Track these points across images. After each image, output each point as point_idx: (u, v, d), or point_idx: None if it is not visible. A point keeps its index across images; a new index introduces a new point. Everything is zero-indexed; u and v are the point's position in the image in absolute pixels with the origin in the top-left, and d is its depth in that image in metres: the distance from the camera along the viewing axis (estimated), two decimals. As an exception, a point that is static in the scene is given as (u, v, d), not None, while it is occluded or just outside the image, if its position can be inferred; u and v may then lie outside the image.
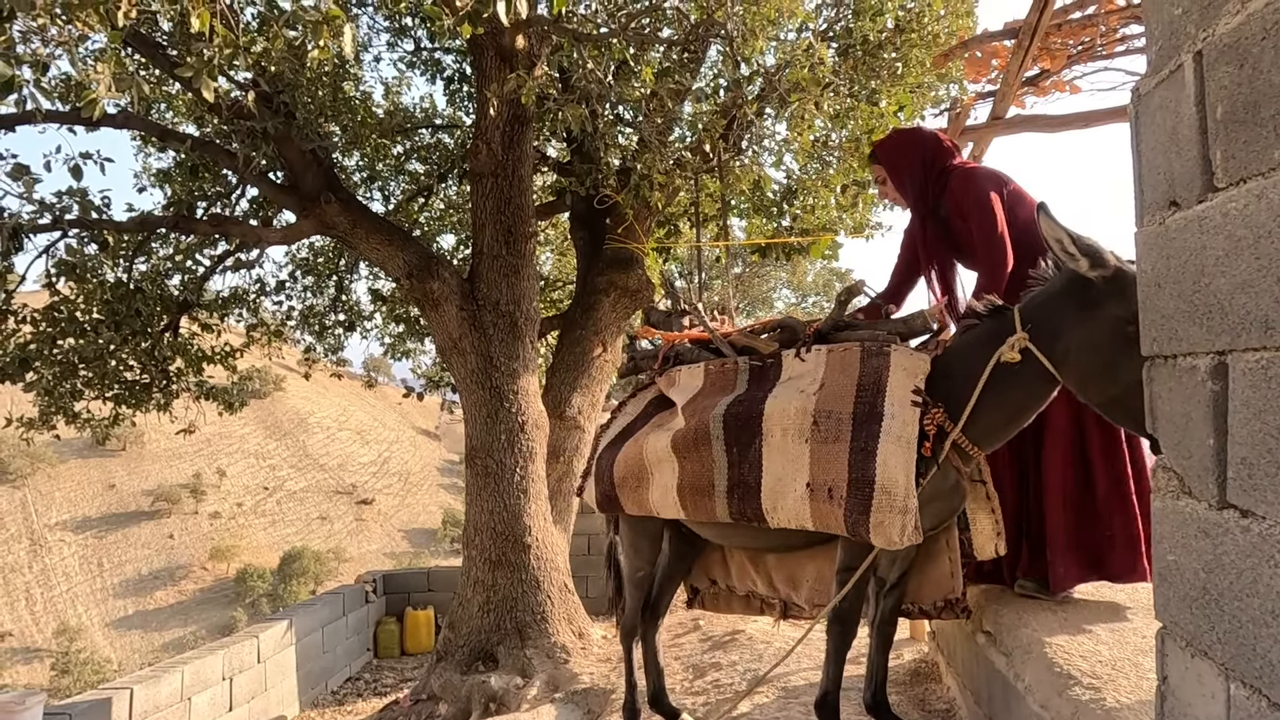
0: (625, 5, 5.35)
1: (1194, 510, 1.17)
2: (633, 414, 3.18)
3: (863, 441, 2.24)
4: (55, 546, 54.12)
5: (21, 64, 3.03)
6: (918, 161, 2.99)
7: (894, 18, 5.43)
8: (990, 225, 2.70)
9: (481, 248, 5.96)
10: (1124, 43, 4.04)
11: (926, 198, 2.99)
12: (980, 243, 2.73)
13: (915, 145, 3.03)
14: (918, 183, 2.99)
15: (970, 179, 2.85)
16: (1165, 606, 1.26)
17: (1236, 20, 1.03)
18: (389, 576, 8.78)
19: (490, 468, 5.76)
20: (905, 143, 3.07)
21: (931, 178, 2.97)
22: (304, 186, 5.77)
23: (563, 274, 9.99)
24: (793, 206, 6.92)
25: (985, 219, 2.72)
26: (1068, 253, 1.96)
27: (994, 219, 2.70)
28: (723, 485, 2.58)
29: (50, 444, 51.98)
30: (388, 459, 72.43)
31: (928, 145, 3.01)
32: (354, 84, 6.76)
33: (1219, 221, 1.08)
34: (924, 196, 2.99)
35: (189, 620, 49.55)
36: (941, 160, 2.98)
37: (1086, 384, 2.04)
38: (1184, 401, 1.20)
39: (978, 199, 2.76)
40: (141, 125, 5.78)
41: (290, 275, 8.23)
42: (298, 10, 3.55)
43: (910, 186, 3.01)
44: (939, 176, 2.95)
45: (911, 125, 3.75)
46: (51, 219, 5.23)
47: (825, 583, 2.91)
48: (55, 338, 5.92)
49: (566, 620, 5.82)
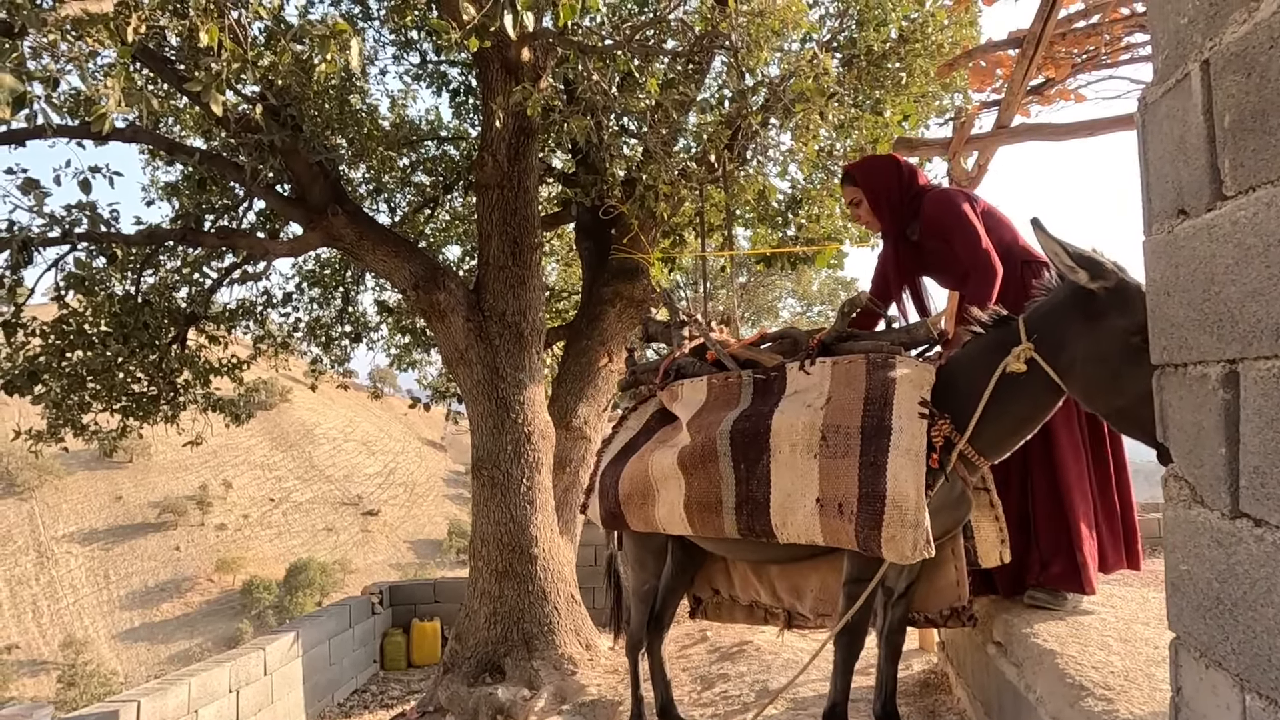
0: (630, 18, 5.38)
1: (1206, 519, 1.16)
2: (635, 428, 3.17)
3: (872, 456, 2.24)
4: (62, 559, 54.21)
5: (33, 80, 3.05)
6: (895, 184, 3.03)
7: (898, 28, 5.45)
8: (974, 240, 2.75)
9: (487, 259, 5.98)
10: (1128, 51, 4.05)
11: (901, 221, 3.04)
12: (967, 258, 2.77)
13: (891, 168, 3.08)
14: (894, 205, 3.03)
15: (945, 199, 2.92)
16: (1178, 616, 1.25)
17: (1244, 29, 1.03)
18: (395, 588, 8.76)
19: (496, 478, 5.76)
20: (882, 166, 3.13)
21: (906, 201, 3.02)
22: (311, 199, 5.79)
23: (568, 284, 10.00)
24: (798, 216, 6.92)
25: (968, 235, 2.77)
26: (1066, 265, 1.97)
27: (977, 234, 2.76)
28: (731, 501, 2.57)
29: (58, 456, 52.20)
30: (393, 470, 72.45)
31: (903, 169, 3.07)
32: (360, 97, 6.80)
33: (1228, 230, 1.07)
34: (898, 219, 3.03)
35: (195, 632, 49.53)
36: (914, 184, 3.04)
37: (1093, 395, 2.04)
38: (1195, 410, 1.19)
39: (957, 217, 2.82)
40: (150, 139, 5.82)
41: (297, 287, 8.26)
42: (305, 25, 3.57)
43: (886, 209, 3.05)
44: (912, 200, 3.01)
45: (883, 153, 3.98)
46: (61, 233, 5.25)
47: (829, 592, 2.90)
48: (64, 350, 5.94)
49: (574, 631, 5.80)
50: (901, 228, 3.04)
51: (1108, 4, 3.76)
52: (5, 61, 2.64)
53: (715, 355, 3.01)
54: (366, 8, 7.17)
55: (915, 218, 2.99)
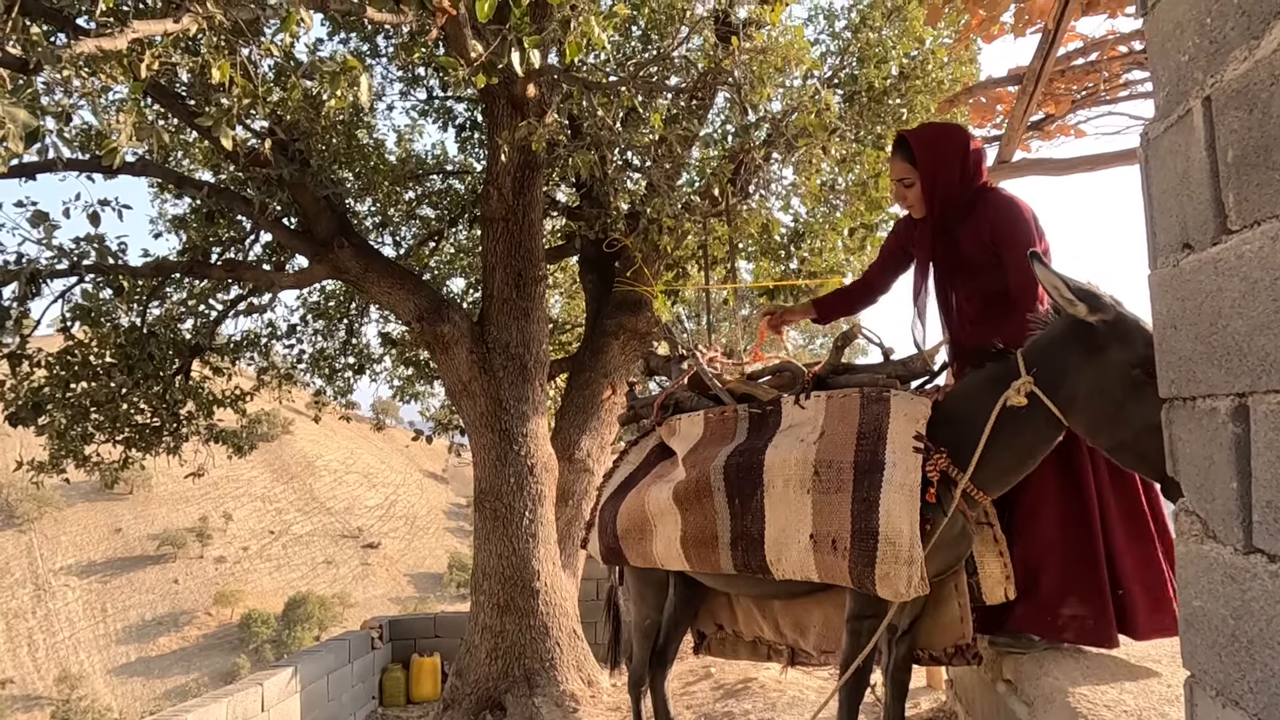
0: (634, 55, 5.47)
1: (1219, 555, 1.15)
2: (635, 463, 3.16)
3: (865, 491, 2.22)
4: (59, 591, 53.78)
5: (46, 114, 3.10)
6: (958, 172, 2.59)
7: (898, 65, 5.53)
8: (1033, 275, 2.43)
9: (492, 291, 6.01)
10: (1127, 88, 4.10)
11: (950, 216, 2.62)
12: (1017, 283, 2.45)
13: (958, 151, 2.60)
14: (950, 198, 2.60)
15: (1016, 208, 2.51)
16: (1193, 654, 1.23)
17: (1244, 66, 1.04)
18: (395, 622, 8.67)
19: (499, 511, 5.73)
20: (948, 145, 2.62)
21: (965, 195, 2.60)
22: (317, 232, 5.84)
23: (572, 317, 10.03)
24: (800, 250, 6.96)
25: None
26: (1065, 299, 1.97)
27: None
28: (726, 537, 2.55)
29: (58, 487, 52.05)
30: (394, 502, 72.12)
31: (970, 155, 2.61)
32: (367, 132, 6.89)
33: (1234, 264, 1.08)
34: (948, 213, 2.62)
35: (191, 667, 48.96)
36: (978, 176, 2.62)
37: (1095, 429, 2.04)
38: (1205, 444, 1.18)
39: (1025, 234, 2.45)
40: (159, 172, 5.89)
41: (301, 319, 8.30)
42: (315, 62, 3.63)
43: (939, 200, 2.61)
44: (972, 196, 2.59)
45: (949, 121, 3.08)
46: (69, 265, 5.30)
47: (833, 629, 2.86)
48: (68, 381, 5.95)
49: (575, 667, 5.72)
50: (947, 223, 2.63)
51: (1106, 42, 3.82)
52: (20, 97, 2.68)
53: (711, 388, 2.98)
54: (375, 46, 7.30)
55: (969, 215, 2.58)
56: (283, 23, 3.15)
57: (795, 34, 4.69)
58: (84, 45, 2.74)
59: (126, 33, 2.77)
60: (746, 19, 4.77)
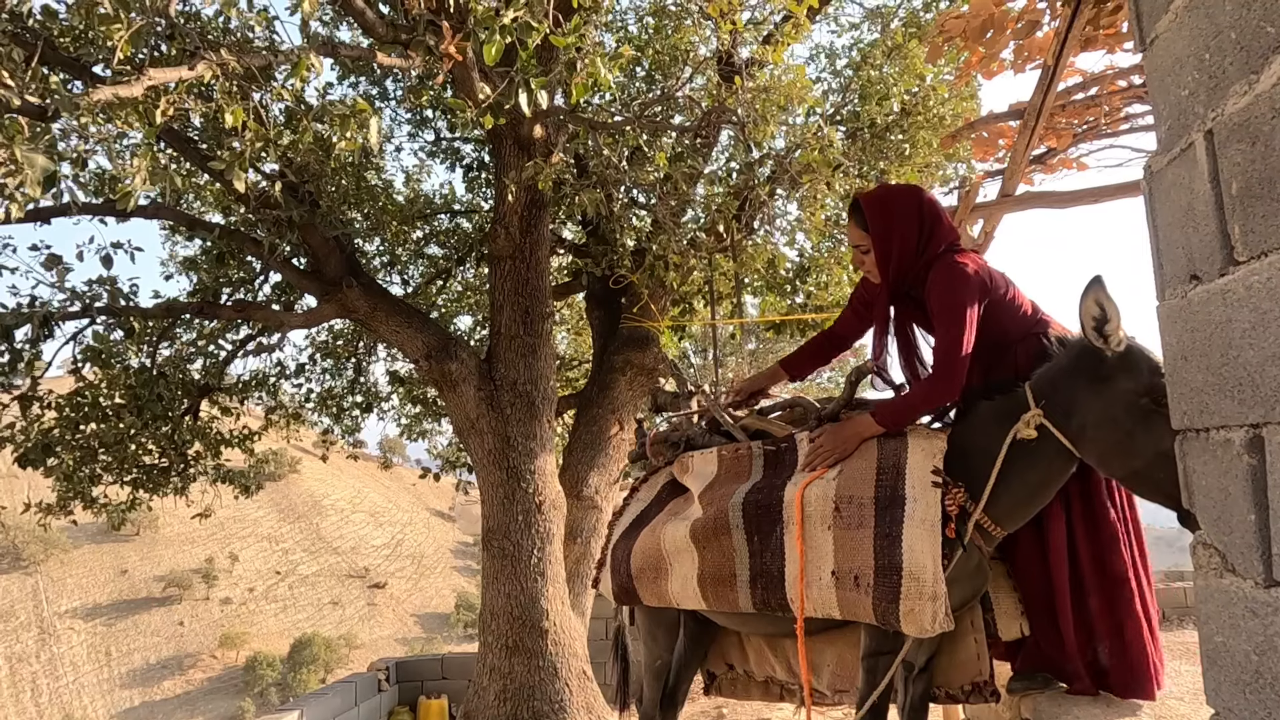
0: (639, 95, 5.55)
1: (1240, 589, 1.13)
2: (646, 500, 3.14)
3: (887, 527, 2.21)
4: (64, 635, 53.38)
5: (62, 160, 3.16)
6: (911, 241, 2.44)
7: (900, 102, 5.60)
8: (955, 344, 2.26)
9: (499, 328, 6.03)
10: (1128, 121, 4.14)
11: (904, 283, 2.50)
12: (938, 354, 2.32)
13: (910, 219, 2.44)
14: (907, 259, 2.45)
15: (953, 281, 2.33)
16: (1216, 692, 1.21)
17: (1245, 100, 1.06)
18: (402, 664, 8.56)
19: (507, 549, 5.68)
20: (901, 211, 2.46)
21: (918, 264, 2.44)
22: (326, 272, 5.90)
23: (579, 353, 10.06)
24: (806, 284, 6.99)
25: (952, 334, 2.27)
26: (1102, 333, 1.96)
27: (961, 339, 2.26)
28: (745, 575, 2.53)
29: (65, 529, 51.95)
30: (401, 541, 71.67)
31: (924, 221, 2.44)
32: (376, 173, 6.98)
33: (1242, 294, 1.08)
34: (902, 281, 2.49)
35: (196, 711, 48.32)
36: (931, 243, 2.43)
37: (1108, 459, 2.03)
38: (1220, 476, 1.17)
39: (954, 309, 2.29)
40: (171, 215, 5.97)
41: (310, 358, 8.33)
42: (326, 105, 3.70)
43: (892, 270, 2.47)
44: (926, 263, 2.43)
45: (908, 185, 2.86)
46: (81, 307, 5.35)
47: (847, 667, 2.82)
48: (78, 423, 5.97)
49: (585, 709, 5.63)
50: (905, 287, 2.52)
51: (1105, 77, 3.86)
52: (37, 143, 2.73)
53: (724, 425, 2.97)
54: (384, 89, 7.43)
55: (923, 280, 2.43)
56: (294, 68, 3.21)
57: (798, 73, 4.76)
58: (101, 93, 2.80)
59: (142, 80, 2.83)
60: (749, 59, 4.85)
